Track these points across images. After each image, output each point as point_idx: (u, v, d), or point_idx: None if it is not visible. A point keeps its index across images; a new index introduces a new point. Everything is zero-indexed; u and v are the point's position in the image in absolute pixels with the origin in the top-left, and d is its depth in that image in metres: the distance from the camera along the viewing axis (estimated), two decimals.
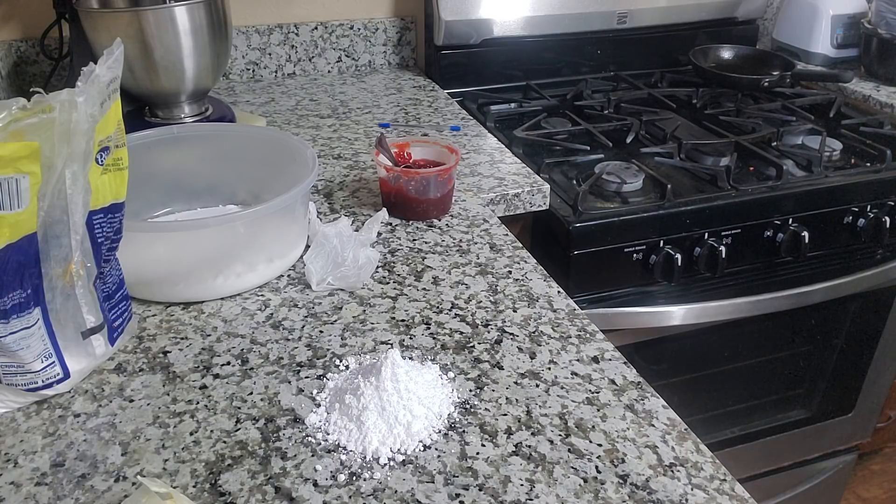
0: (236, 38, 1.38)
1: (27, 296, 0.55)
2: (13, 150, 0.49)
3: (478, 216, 0.93)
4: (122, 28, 0.98)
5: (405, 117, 1.26)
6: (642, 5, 1.48)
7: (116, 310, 0.65)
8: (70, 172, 0.54)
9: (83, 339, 0.61)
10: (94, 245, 0.59)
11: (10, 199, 0.50)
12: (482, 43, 1.41)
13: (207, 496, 0.52)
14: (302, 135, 1.18)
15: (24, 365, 0.58)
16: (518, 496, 0.53)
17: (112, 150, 0.59)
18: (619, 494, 0.53)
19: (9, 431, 0.58)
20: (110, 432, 0.58)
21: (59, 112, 0.51)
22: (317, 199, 0.96)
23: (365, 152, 1.11)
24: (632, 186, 1.08)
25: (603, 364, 0.66)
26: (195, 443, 0.57)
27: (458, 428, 0.59)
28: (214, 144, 0.89)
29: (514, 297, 0.76)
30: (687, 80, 1.50)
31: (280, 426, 0.59)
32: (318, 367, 0.65)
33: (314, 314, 0.73)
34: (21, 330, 0.56)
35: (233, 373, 0.65)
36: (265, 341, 0.69)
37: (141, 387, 0.63)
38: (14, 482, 0.53)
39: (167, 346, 0.68)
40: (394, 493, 0.53)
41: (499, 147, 1.15)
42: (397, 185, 0.87)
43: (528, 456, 0.56)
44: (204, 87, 1.10)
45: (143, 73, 1.02)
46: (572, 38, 1.47)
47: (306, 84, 1.42)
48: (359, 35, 1.47)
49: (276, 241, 0.77)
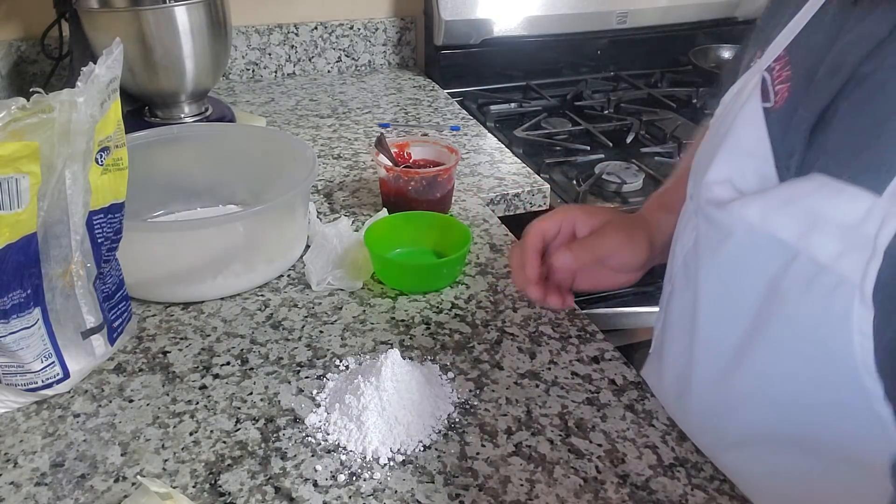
0: (236, 38, 1.38)
1: (27, 296, 0.55)
2: (13, 150, 0.49)
3: (478, 216, 0.92)
4: (121, 28, 0.98)
5: (405, 117, 1.26)
6: (642, 5, 1.48)
7: (116, 310, 0.65)
8: (70, 172, 0.54)
9: (83, 340, 0.61)
10: (94, 245, 0.59)
11: (10, 199, 0.50)
12: (482, 43, 1.41)
13: (207, 496, 0.52)
14: (302, 135, 1.18)
15: (24, 365, 0.58)
16: (518, 496, 0.53)
17: (112, 150, 0.59)
18: (619, 494, 0.53)
19: (8, 431, 0.58)
20: (110, 432, 0.58)
21: (59, 112, 0.51)
22: (317, 199, 0.96)
23: (365, 152, 1.11)
24: (632, 186, 1.08)
25: (603, 364, 0.66)
26: (195, 443, 0.57)
27: (458, 428, 0.59)
28: (214, 144, 0.89)
29: (514, 297, 0.76)
30: (687, 80, 1.50)
31: (280, 426, 0.59)
32: (318, 368, 0.65)
33: (314, 314, 0.73)
34: (21, 330, 0.56)
35: (233, 373, 0.65)
36: (265, 341, 0.69)
37: (140, 387, 0.63)
38: (14, 482, 0.53)
39: (167, 346, 0.68)
40: (394, 494, 0.53)
41: (499, 147, 1.15)
42: (397, 185, 0.87)
43: (528, 456, 0.56)
44: (204, 87, 1.10)
45: (142, 72, 1.02)
46: (572, 38, 1.47)
47: (306, 84, 1.42)
48: (359, 35, 1.47)
49: (276, 241, 0.77)
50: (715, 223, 0.49)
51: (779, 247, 0.42)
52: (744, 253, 0.46)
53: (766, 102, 0.47)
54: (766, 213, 0.43)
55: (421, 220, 0.82)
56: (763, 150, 0.46)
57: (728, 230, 0.47)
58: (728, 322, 0.49)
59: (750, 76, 0.51)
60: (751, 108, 0.48)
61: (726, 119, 0.51)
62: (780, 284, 0.43)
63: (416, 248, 0.82)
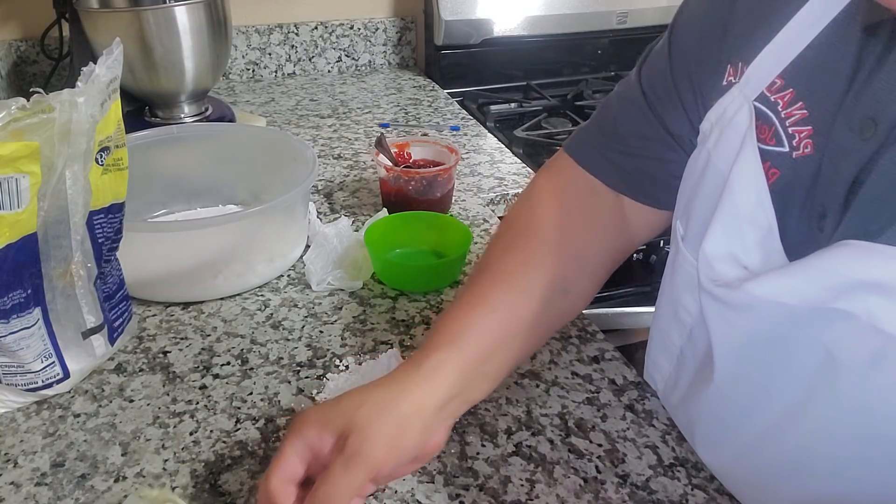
0: (236, 38, 1.38)
1: (27, 296, 0.55)
2: (13, 150, 0.49)
3: (478, 216, 0.92)
4: (122, 28, 0.98)
5: (405, 117, 1.26)
6: (642, 5, 1.48)
7: (116, 310, 0.65)
8: (70, 172, 0.54)
9: (83, 339, 0.61)
10: (95, 245, 0.59)
11: (10, 199, 0.50)
12: (482, 43, 1.41)
13: (207, 496, 0.52)
14: (302, 135, 1.18)
15: (24, 365, 0.58)
16: (518, 496, 0.53)
17: (112, 150, 0.59)
18: (619, 495, 0.53)
19: (9, 431, 0.58)
20: (110, 432, 0.58)
21: (60, 112, 0.51)
22: (317, 199, 0.96)
23: (365, 152, 1.11)
24: None
25: (603, 364, 0.66)
26: (195, 443, 0.57)
27: (458, 428, 0.59)
28: (214, 144, 0.89)
29: None
30: None
31: (280, 426, 0.59)
32: (318, 368, 0.65)
33: (314, 314, 0.73)
34: (21, 330, 0.56)
35: (232, 373, 0.65)
36: (265, 341, 0.69)
37: (141, 387, 0.63)
38: (14, 482, 0.53)
39: (167, 346, 0.68)
40: (394, 494, 0.53)
41: (499, 147, 1.15)
42: (397, 185, 0.87)
43: (528, 456, 0.56)
44: (204, 86, 1.10)
45: (143, 72, 1.02)
46: (573, 38, 1.47)
47: (306, 84, 1.42)
48: (359, 35, 1.47)
49: (276, 241, 0.77)
50: (727, 303, 0.44)
51: (830, 316, 0.38)
52: (780, 327, 0.41)
53: (779, 146, 0.42)
54: (801, 290, 0.39)
55: (421, 220, 0.82)
56: (766, 219, 0.42)
57: (751, 309, 0.42)
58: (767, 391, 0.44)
59: (732, 104, 0.46)
60: (748, 162, 0.43)
61: (714, 164, 0.46)
62: (840, 353, 0.38)
63: (416, 248, 0.82)
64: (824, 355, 0.39)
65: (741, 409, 0.47)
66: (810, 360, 0.40)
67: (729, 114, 0.46)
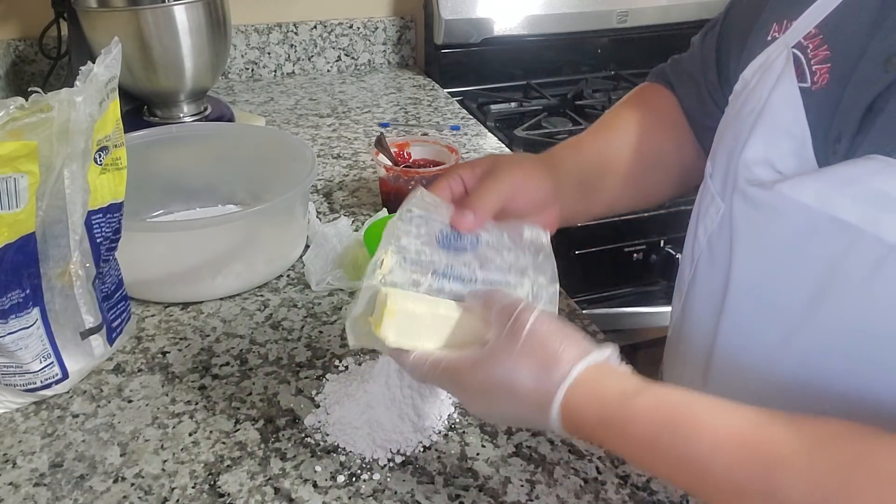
0: (235, 37, 1.37)
1: (26, 296, 0.55)
2: (11, 150, 0.49)
3: None
4: (120, 27, 0.98)
5: (405, 117, 1.26)
6: (642, 4, 1.48)
7: (115, 310, 0.65)
8: (69, 172, 0.54)
9: (82, 340, 0.61)
10: (93, 245, 0.59)
11: (9, 199, 0.50)
12: (482, 42, 1.41)
13: (206, 497, 0.52)
14: (301, 134, 1.18)
15: (23, 365, 0.58)
16: (518, 497, 0.53)
17: (111, 149, 0.58)
18: (620, 495, 0.53)
19: (7, 432, 0.58)
20: (109, 433, 0.58)
21: (58, 111, 0.51)
22: (317, 199, 0.96)
23: (365, 152, 1.11)
24: None
25: None
26: (194, 443, 0.57)
27: (458, 428, 0.59)
28: (213, 144, 0.89)
29: None
30: None
31: (279, 427, 0.59)
32: (318, 368, 0.65)
33: (314, 314, 0.73)
34: (20, 330, 0.56)
35: (232, 373, 0.64)
36: (264, 341, 0.69)
37: (140, 387, 0.63)
38: (13, 483, 0.53)
39: (166, 346, 0.68)
40: (393, 494, 0.53)
41: (499, 147, 1.14)
42: (397, 185, 0.87)
43: (528, 457, 0.56)
44: (203, 86, 1.10)
45: (141, 72, 1.02)
46: (573, 38, 1.47)
47: (306, 83, 1.42)
48: (358, 34, 1.47)
49: (276, 241, 0.77)
50: (757, 204, 0.48)
51: (839, 228, 0.43)
52: (796, 233, 0.46)
53: (802, 82, 0.47)
54: (823, 194, 0.43)
55: None
56: (801, 131, 0.46)
57: (776, 211, 0.47)
58: (774, 304, 0.48)
59: (774, 52, 0.51)
60: (786, 87, 0.48)
61: (753, 96, 0.51)
62: (842, 265, 0.43)
63: None
64: (826, 269, 0.44)
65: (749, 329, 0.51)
66: (812, 274, 0.45)
67: (771, 59, 0.51)
